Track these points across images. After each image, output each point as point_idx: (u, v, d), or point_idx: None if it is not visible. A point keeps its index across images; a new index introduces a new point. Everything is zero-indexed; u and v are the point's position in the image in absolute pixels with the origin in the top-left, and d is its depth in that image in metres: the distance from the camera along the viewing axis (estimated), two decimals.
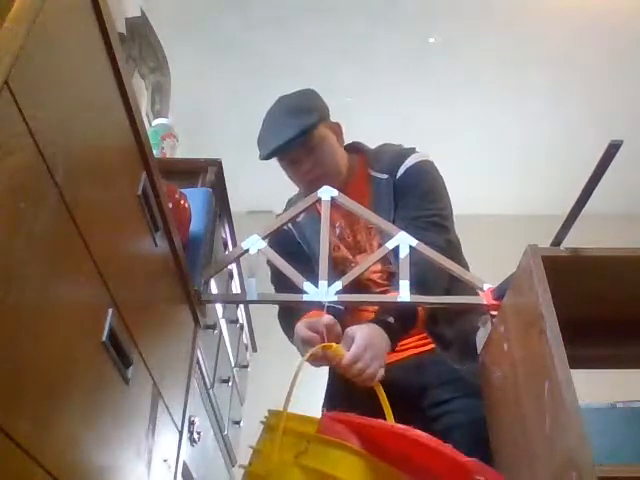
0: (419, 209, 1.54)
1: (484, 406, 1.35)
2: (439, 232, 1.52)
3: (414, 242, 1.40)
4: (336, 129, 1.68)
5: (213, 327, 1.69)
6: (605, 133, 1.09)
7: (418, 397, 1.48)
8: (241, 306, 2.29)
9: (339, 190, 1.50)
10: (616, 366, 1.52)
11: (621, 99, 3.54)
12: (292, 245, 1.65)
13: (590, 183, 1.05)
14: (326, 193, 1.48)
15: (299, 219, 1.64)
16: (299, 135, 1.54)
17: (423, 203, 1.55)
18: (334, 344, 1.32)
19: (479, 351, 1.40)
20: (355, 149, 1.72)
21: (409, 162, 1.61)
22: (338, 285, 1.36)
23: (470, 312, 1.52)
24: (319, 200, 1.48)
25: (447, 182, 1.69)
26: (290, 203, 1.75)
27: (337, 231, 1.66)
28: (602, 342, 1.32)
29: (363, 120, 3.60)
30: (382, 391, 1.29)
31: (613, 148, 0.99)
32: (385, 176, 1.60)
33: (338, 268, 1.56)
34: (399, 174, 1.59)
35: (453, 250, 1.54)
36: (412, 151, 1.66)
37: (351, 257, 1.64)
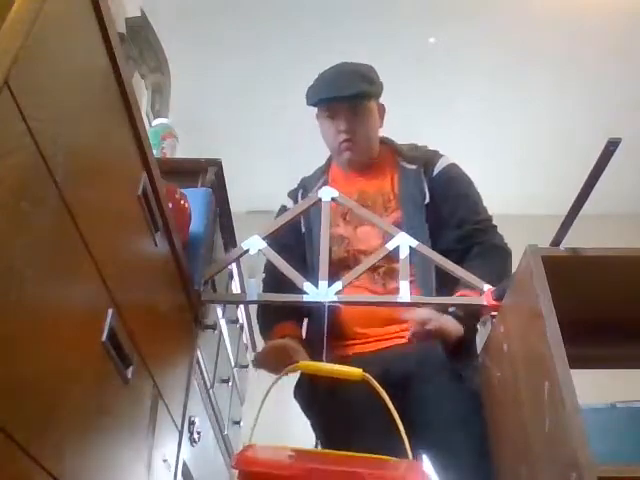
0: (476, 213, 1.63)
1: (484, 406, 1.35)
2: (497, 233, 1.62)
3: (414, 243, 1.40)
4: (381, 111, 1.74)
5: (213, 327, 1.68)
6: (605, 133, 1.09)
7: (401, 388, 1.48)
8: (241, 306, 2.29)
9: (364, 168, 1.65)
10: (616, 366, 1.52)
11: (622, 99, 3.54)
12: (295, 233, 1.66)
13: (589, 182, 1.05)
14: (326, 194, 1.48)
15: (310, 194, 1.66)
16: (357, 95, 1.62)
17: (477, 207, 1.65)
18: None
19: (479, 351, 1.40)
20: (384, 141, 1.77)
21: (444, 162, 1.68)
22: (338, 285, 1.36)
23: None
24: (319, 200, 1.48)
25: None
26: (304, 181, 1.77)
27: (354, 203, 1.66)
28: (602, 342, 1.32)
29: None
30: (374, 382, 1.27)
31: (612, 146, 0.99)
32: (414, 166, 1.66)
33: (332, 248, 1.58)
34: (436, 170, 1.65)
35: None
36: (440, 153, 1.73)
37: (346, 234, 1.62)
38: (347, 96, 1.62)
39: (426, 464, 1.32)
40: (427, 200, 1.58)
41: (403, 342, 1.48)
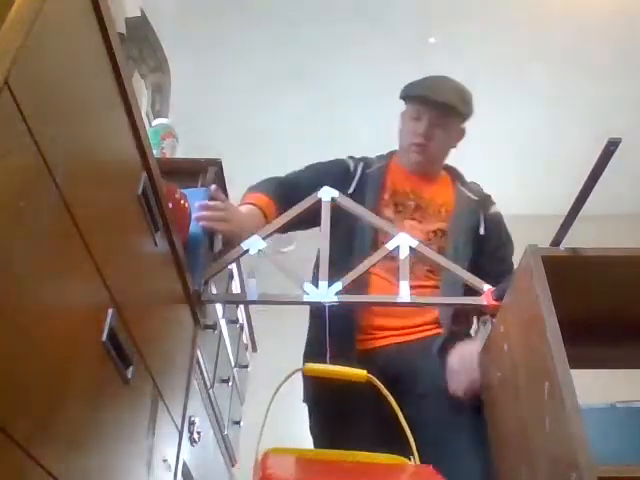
0: (512, 257, 1.73)
1: (484, 406, 1.35)
2: None
3: (414, 243, 1.41)
4: (460, 134, 1.84)
5: (213, 327, 1.69)
6: (606, 132, 1.09)
7: (395, 383, 1.48)
8: (241, 306, 2.29)
9: (425, 176, 1.75)
10: (616, 366, 1.52)
11: (622, 99, 3.54)
12: (345, 184, 1.69)
13: (589, 182, 1.05)
14: (326, 194, 1.48)
15: (369, 170, 1.75)
16: (446, 105, 1.71)
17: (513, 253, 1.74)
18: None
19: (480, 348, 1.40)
20: (448, 167, 1.87)
21: (497, 207, 1.80)
22: (338, 286, 1.36)
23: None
24: (319, 200, 1.48)
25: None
26: (365, 158, 1.81)
27: (410, 200, 1.73)
28: (602, 342, 1.32)
29: (363, 120, 3.60)
30: (379, 383, 1.27)
31: (612, 146, 0.99)
32: (474, 197, 1.77)
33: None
34: (492, 210, 1.77)
35: None
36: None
37: (394, 219, 1.68)
38: (436, 101, 1.70)
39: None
40: (482, 231, 1.69)
41: (400, 340, 1.54)
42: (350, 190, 1.68)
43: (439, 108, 1.70)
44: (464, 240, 1.65)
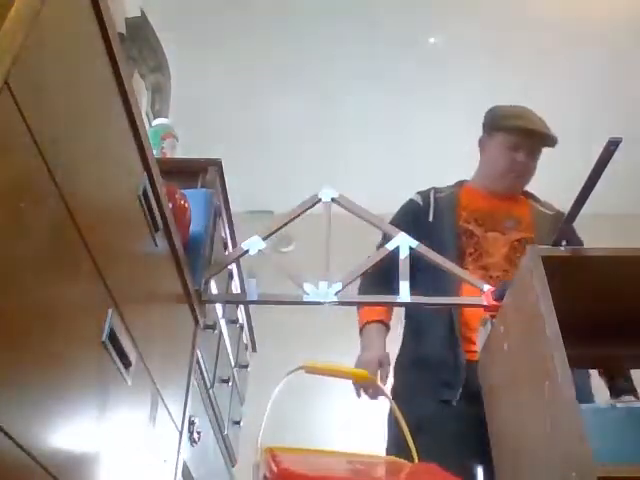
0: None
1: (485, 406, 1.35)
2: None
3: (414, 244, 1.41)
4: None
5: (213, 327, 1.68)
6: (606, 132, 1.09)
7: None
8: (241, 306, 2.29)
9: (504, 199, 1.90)
10: (616, 366, 1.52)
11: (622, 98, 3.54)
12: (420, 219, 1.84)
13: (589, 181, 1.05)
14: (327, 194, 1.48)
15: (440, 195, 1.90)
16: (556, 141, 1.94)
17: None
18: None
19: (479, 351, 1.40)
20: None
21: None
22: (338, 286, 1.36)
23: None
24: (319, 200, 1.48)
25: (448, 183, 1.78)
26: (437, 191, 1.96)
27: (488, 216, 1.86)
28: (602, 342, 1.32)
29: (363, 120, 3.60)
30: (380, 385, 1.30)
31: (612, 145, 0.99)
32: (550, 212, 1.93)
33: (461, 237, 1.79)
34: None
35: None
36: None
37: (476, 232, 1.80)
38: (552, 137, 1.91)
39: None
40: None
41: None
42: (430, 218, 1.81)
43: (544, 141, 1.88)
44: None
